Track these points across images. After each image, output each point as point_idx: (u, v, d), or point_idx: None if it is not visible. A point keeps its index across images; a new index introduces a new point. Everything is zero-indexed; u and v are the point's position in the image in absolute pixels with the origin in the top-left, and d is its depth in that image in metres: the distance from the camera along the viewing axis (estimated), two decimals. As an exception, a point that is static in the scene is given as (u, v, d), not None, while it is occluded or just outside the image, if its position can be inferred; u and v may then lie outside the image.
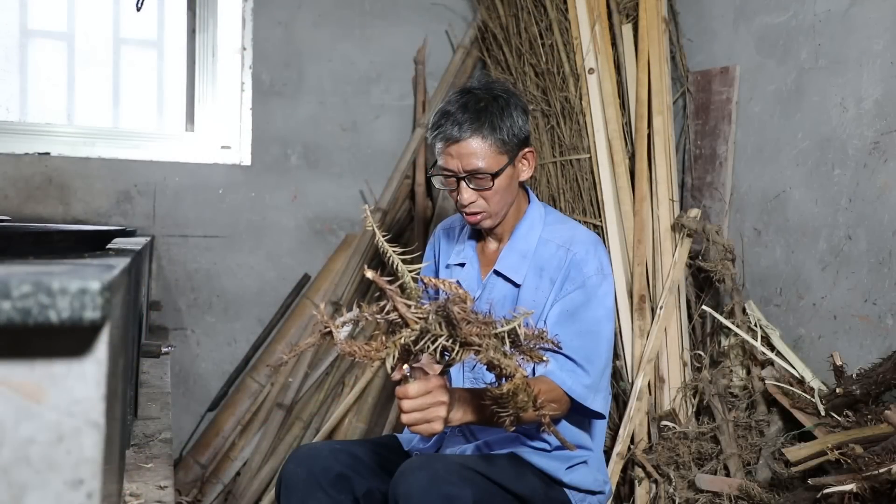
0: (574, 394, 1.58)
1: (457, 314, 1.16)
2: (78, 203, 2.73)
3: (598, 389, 1.62)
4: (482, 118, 1.64)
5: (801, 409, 2.03)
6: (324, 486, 1.62)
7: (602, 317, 1.66)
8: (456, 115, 1.65)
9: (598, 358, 1.63)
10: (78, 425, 0.65)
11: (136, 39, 2.97)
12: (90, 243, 1.15)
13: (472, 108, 1.65)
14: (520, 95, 1.75)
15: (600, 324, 1.65)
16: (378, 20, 3.11)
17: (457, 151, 1.65)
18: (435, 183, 1.73)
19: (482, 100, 1.66)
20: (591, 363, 1.61)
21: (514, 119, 1.67)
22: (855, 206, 2.08)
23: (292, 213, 3.03)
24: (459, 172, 1.66)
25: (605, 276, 1.68)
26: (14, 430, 0.63)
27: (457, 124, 1.64)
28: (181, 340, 2.90)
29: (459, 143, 1.64)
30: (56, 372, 0.64)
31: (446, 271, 1.85)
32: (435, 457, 1.60)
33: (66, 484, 0.65)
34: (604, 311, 1.66)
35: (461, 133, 1.63)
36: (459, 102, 1.67)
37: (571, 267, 1.67)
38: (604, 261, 1.70)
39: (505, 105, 1.67)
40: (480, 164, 1.64)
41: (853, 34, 2.11)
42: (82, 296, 0.60)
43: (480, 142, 1.64)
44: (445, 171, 1.68)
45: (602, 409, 1.64)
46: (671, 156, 2.56)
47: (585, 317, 1.64)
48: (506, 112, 1.66)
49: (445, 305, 1.17)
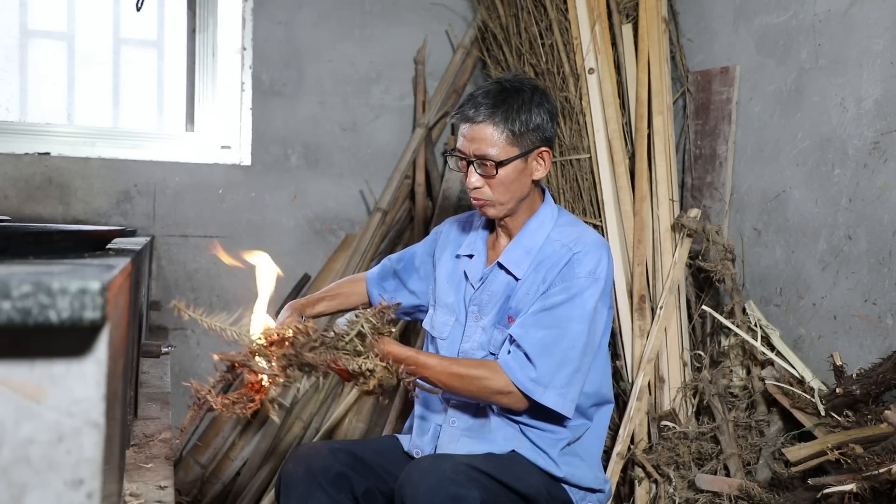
0: (519, 385, 1.60)
1: (307, 358, 1.31)
2: (78, 203, 2.73)
3: (550, 385, 1.60)
4: (499, 106, 1.66)
5: (801, 409, 2.03)
6: (323, 485, 1.62)
7: (576, 317, 1.63)
8: (478, 99, 1.68)
9: (553, 355, 1.61)
10: (78, 425, 0.65)
11: (136, 39, 2.97)
12: (90, 243, 1.15)
13: (493, 94, 1.68)
14: (549, 96, 1.75)
15: (571, 322, 1.63)
16: (378, 20, 3.11)
17: (469, 134, 1.68)
18: (449, 163, 1.76)
19: (506, 90, 1.69)
20: (542, 358, 1.60)
21: (532, 114, 1.68)
22: (855, 206, 2.08)
23: (292, 213, 3.03)
24: (469, 156, 1.69)
25: (594, 280, 1.66)
26: (14, 430, 0.63)
27: (475, 107, 1.67)
28: (181, 340, 2.90)
29: (473, 125, 1.67)
30: (56, 372, 0.64)
31: (456, 262, 1.85)
32: (442, 457, 1.60)
33: (66, 484, 0.65)
34: (580, 311, 1.64)
35: (476, 115, 1.67)
36: (486, 88, 1.71)
37: (567, 265, 1.67)
38: (601, 265, 1.68)
39: (528, 100, 1.69)
40: (488, 150, 1.66)
41: (853, 34, 2.11)
42: (82, 296, 0.60)
43: (492, 128, 1.66)
44: (458, 151, 1.71)
45: (555, 405, 1.61)
46: (671, 156, 2.56)
47: (557, 314, 1.63)
48: (525, 106, 1.68)
49: (294, 355, 1.32)
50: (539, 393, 1.60)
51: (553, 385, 1.61)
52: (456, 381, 1.60)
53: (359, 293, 1.99)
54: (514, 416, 1.69)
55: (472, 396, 1.65)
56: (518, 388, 1.60)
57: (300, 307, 1.83)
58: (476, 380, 1.61)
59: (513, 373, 1.60)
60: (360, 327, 1.38)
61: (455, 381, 1.60)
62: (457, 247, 1.88)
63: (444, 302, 1.84)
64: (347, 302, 1.98)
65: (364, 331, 1.37)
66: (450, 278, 1.85)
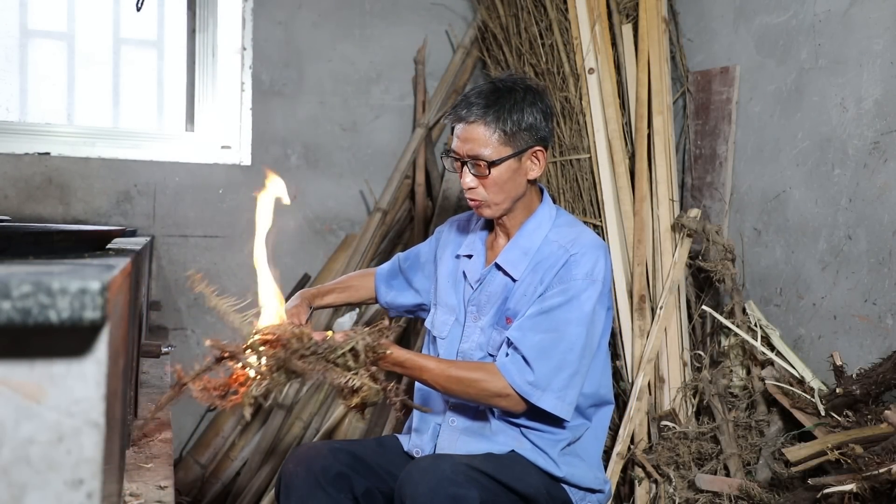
0: (517, 388, 1.60)
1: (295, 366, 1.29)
2: (78, 203, 2.73)
3: (547, 388, 1.60)
4: (491, 106, 1.66)
5: (801, 409, 2.03)
6: (323, 485, 1.62)
7: (573, 319, 1.63)
8: (470, 99, 1.69)
9: (551, 358, 1.60)
10: (78, 425, 0.65)
11: (136, 39, 2.97)
12: (90, 243, 1.15)
13: (485, 94, 1.68)
14: (544, 95, 1.74)
15: (569, 325, 1.62)
16: (378, 20, 3.11)
17: (462, 134, 1.68)
18: (445, 164, 1.76)
19: (499, 90, 1.69)
20: (540, 361, 1.60)
21: (524, 114, 1.67)
22: (855, 206, 2.08)
23: (292, 213, 3.02)
24: (463, 156, 1.69)
25: (592, 282, 1.65)
26: (14, 430, 0.63)
27: (467, 107, 1.68)
28: (181, 340, 2.90)
29: (465, 126, 1.68)
30: (56, 372, 0.64)
31: (455, 262, 1.86)
32: (441, 457, 1.60)
33: (66, 484, 0.65)
34: (577, 314, 1.63)
35: (468, 115, 1.67)
36: (479, 89, 1.71)
37: (563, 267, 1.66)
38: (598, 267, 1.67)
39: (520, 99, 1.68)
40: (481, 150, 1.66)
41: (853, 34, 2.11)
42: (82, 296, 0.60)
43: (483, 128, 1.66)
44: (452, 152, 1.72)
45: (552, 409, 1.61)
46: (671, 156, 2.56)
47: (555, 316, 1.63)
48: (517, 105, 1.67)
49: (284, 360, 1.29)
50: (537, 396, 1.60)
51: (551, 388, 1.61)
52: (454, 384, 1.60)
53: (367, 287, 2.00)
54: (514, 417, 1.69)
55: (471, 399, 1.65)
56: (516, 391, 1.60)
57: (310, 297, 1.85)
58: (474, 382, 1.61)
59: (510, 376, 1.60)
60: (354, 343, 1.36)
61: (453, 383, 1.60)
62: (457, 247, 1.88)
63: (444, 301, 1.84)
64: (356, 295, 1.99)
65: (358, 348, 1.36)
66: (450, 278, 1.85)
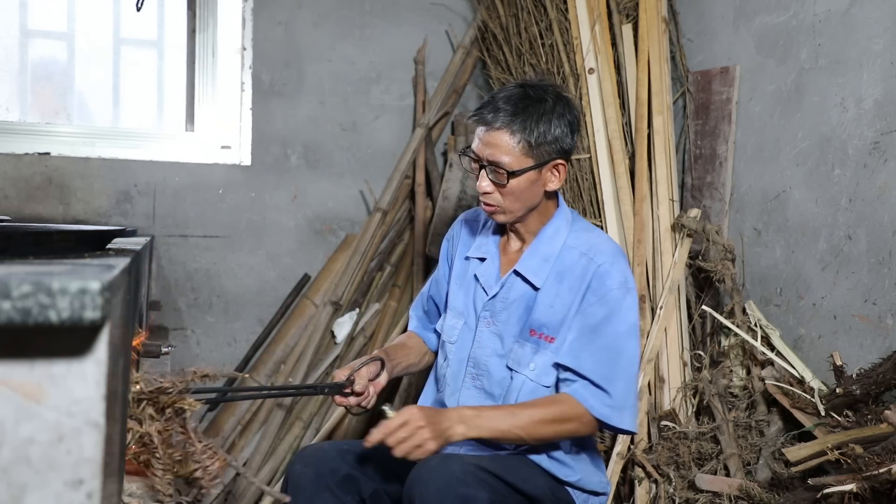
0: (599, 414, 1.59)
1: None
2: (78, 203, 2.73)
3: (624, 407, 1.61)
4: (518, 114, 1.62)
5: (801, 409, 2.03)
6: (331, 486, 1.62)
7: (623, 332, 1.62)
8: (498, 103, 1.64)
9: (619, 376, 1.61)
10: (78, 425, 0.65)
11: (136, 39, 2.97)
12: (90, 243, 1.15)
13: (514, 101, 1.63)
14: (573, 106, 1.70)
15: (621, 340, 1.62)
16: (378, 20, 3.11)
17: (485, 138, 1.64)
18: (462, 163, 1.73)
19: (529, 97, 1.64)
20: (611, 382, 1.60)
21: (551, 126, 1.63)
22: (855, 206, 2.08)
23: (292, 213, 3.03)
24: (483, 159, 1.65)
25: (628, 290, 1.65)
26: (14, 430, 0.63)
27: (493, 111, 1.63)
28: (181, 340, 2.90)
29: (489, 130, 1.63)
30: (56, 372, 0.64)
31: (465, 263, 1.83)
32: (450, 457, 1.58)
33: (66, 484, 0.65)
34: (626, 326, 1.63)
35: (494, 120, 1.62)
36: (508, 93, 1.66)
37: (594, 278, 1.64)
38: (627, 274, 1.67)
39: (549, 110, 1.64)
40: (502, 157, 1.62)
41: (853, 34, 2.11)
42: (82, 296, 0.60)
43: (508, 136, 1.62)
44: (472, 152, 1.68)
45: (630, 426, 1.63)
46: (671, 156, 2.56)
47: (606, 332, 1.62)
48: (546, 116, 1.63)
49: None
50: (617, 418, 1.60)
51: (627, 406, 1.62)
52: (542, 428, 1.58)
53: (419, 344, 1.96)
54: None
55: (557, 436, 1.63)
56: (595, 416, 1.60)
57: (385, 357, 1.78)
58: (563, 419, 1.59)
59: (588, 402, 1.59)
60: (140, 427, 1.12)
61: (541, 428, 1.57)
62: (466, 248, 1.85)
63: (453, 305, 1.82)
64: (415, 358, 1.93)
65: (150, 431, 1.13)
66: (459, 280, 1.83)
